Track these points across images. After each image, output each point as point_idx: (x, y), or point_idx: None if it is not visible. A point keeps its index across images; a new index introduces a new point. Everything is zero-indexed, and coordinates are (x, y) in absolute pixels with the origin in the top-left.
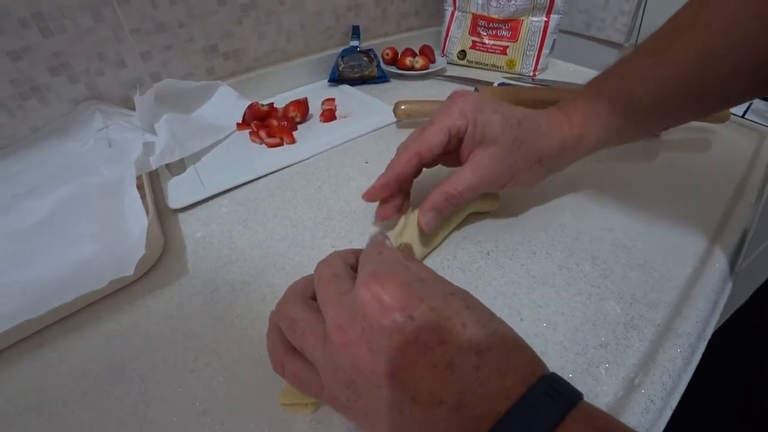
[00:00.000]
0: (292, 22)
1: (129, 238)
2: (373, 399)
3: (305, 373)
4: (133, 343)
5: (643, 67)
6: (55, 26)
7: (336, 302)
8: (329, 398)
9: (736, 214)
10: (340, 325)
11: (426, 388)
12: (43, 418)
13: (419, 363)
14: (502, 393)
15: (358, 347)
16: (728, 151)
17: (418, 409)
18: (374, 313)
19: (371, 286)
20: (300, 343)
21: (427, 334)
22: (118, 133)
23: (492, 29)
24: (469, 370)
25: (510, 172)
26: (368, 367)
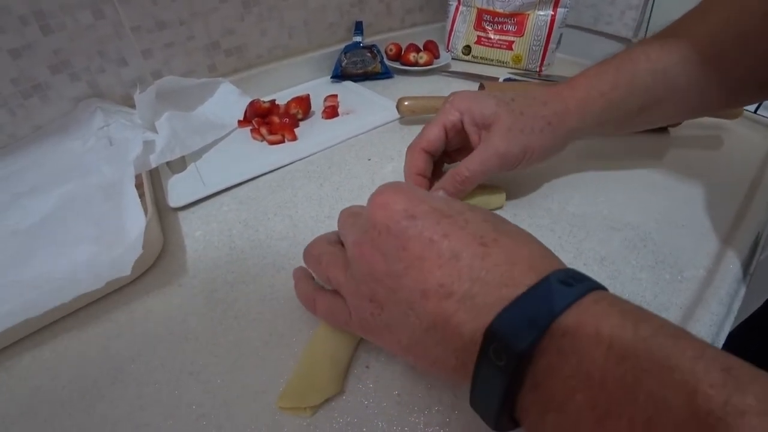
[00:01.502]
0: (294, 18)
1: (127, 238)
2: (392, 306)
3: (335, 303)
4: (131, 344)
5: (649, 52)
6: (56, 23)
7: (353, 226)
8: (358, 321)
9: (749, 214)
10: (355, 241)
11: (434, 281)
12: (40, 420)
13: (426, 257)
14: (511, 281)
15: (372, 255)
16: (741, 148)
17: (430, 304)
18: (381, 220)
19: (377, 199)
20: (326, 274)
21: (430, 230)
22: (119, 132)
23: (497, 24)
24: (475, 259)
25: (520, 141)
26: (383, 271)
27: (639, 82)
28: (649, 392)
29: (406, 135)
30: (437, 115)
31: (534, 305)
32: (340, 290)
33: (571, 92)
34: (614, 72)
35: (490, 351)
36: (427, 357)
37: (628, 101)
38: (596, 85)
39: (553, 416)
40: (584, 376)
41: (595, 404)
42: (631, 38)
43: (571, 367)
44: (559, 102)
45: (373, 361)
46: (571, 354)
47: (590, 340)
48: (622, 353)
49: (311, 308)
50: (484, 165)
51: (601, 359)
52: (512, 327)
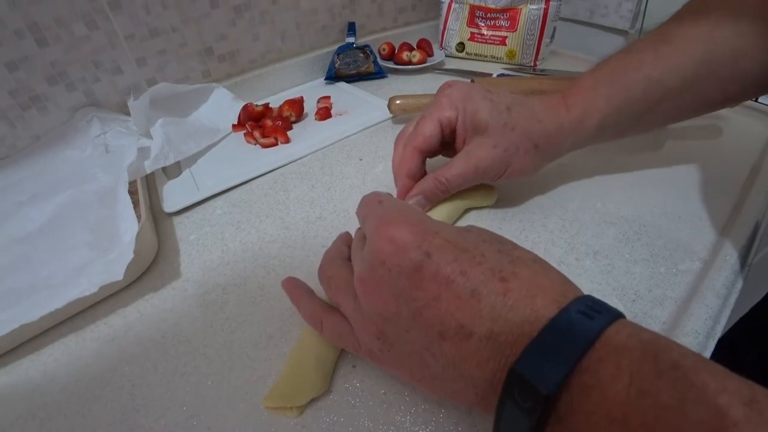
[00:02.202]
0: (286, 21)
1: (121, 243)
2: (404, 345)
3: (342, 327)
4: (125, 347)
5: (645, 58)
6: (51, 36)
7: (357, 257)
8: (366, 352)
9: (747, 205)
10: (361, 277)
11: (453, 322)
12: (37, 422)
13: (443, 297)
14: (533, 315)
15: (380, 295)
16: (740, 138)
17: (449, 345)
18: (390, 256)
19: (382, 231)
20: (336, 299)
21: (446, 267)
22: (116, 139)
23: (490, 19)
24: (496, 297)
25: (504, 158)
26: (393, 312)
27: (634, 94)
28: (671, 428)
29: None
30: (431, 109)
31: (557, 344)
32: (348, 318)
33: (566, 109)
34: (609, 86)
35: (515, 393)
36: (444, 390)
37: (624, 113)
38: (593, 101)
39: None
40: (606, 412)
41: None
42: (628, 30)
43: (594, 402)
44: (554, 120)
45: (359, 360)
46: (594, 389)
47: (612, 375)
48: (643, 389)
49: (317, 328)
50: (463, 177)
51: (623, 395)
52: (536, 369)
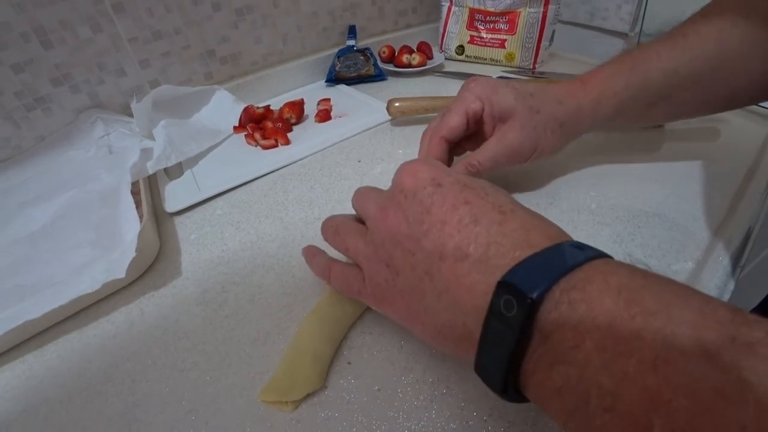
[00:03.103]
0: (287, 24)
1: (123, 242)
2: (408, 270)
3: (349, 271)
4: (126, 344)
5: (661, 49)
6: (56, 38)
7: (377, 195)
8: (371, 288)
9: (742, 207)
10: (381, 205)
11: (452, 243)
12: (40, 417)
13: (447, 221)
14: (526, 244)
15: (396, 218)
16: (737, 139)
17: (446, 266)
18: (409, 185)
19: (406, 168)
20: (344, 244)
21: (453, 197)
22: (119, 141)
23: (489, 23)
24: (493, 224)
25: (533, 139)
26: (404, 233)
27: (650, 81)
28: (656, 331)
29: (396, 136)
30: (457, 102)
31: (547, 262)
32: (357, 257)
33: (585, 92)
34: (628, 72)
35: (500, 304)
36: (435, 324)
37: (639, 99)
38: (610, 84)
39: (562, 368)
40: (593, 321)
41: (603, 347)
42: (627, 33)
43: (580, 314)
44: (574, 101)
45: (354, 357)
46: (581, 303)
47: (600, 289)
48: (631, 298)
49: (326, 277)
50: (495, 159)
51: (610, 304)
52: (524, 278)
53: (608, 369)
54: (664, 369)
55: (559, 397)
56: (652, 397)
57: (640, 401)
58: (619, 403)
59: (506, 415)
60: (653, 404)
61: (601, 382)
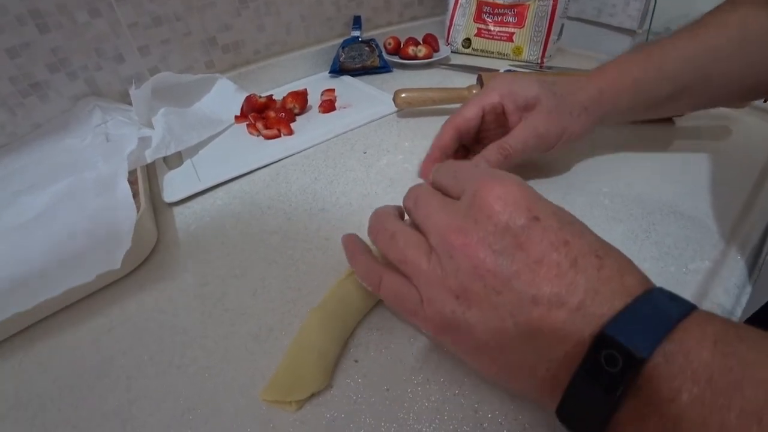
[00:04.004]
0: (292, 13)
1: (119, 232)
2: (486, 307)
3: (404, 287)
4: (122, 338)
5: (679, 39)
6: (52, 22)
7: (447, 210)
8: (431, 313)
9: (758, 204)
10: (459, 228)
11: (549, 288)
12: (30, 414)
13: (544, 262)
14: (623, 291)
15: (479, 248)
16: (749, 138)
17: (538, 312)
18: (498, 213)
19: (490, 188)
20: (402, 256)
21: (552, 235)
22: (117, 128)
23: (497, 15)
24: (592, 270)
25: (560, 123)
26: (489, 269)
27: (668, 69)
28: (757, 383)
29: (402, 128)
30: (476, 96)
31: (648, 314)
32: (416, 277)
33: (603, 78)
34: (644, 59)
35: (602, 358)
36: (511, 364)
37: (658, 87)
38: (627, 71)
39: (657, 420)
40: (690, 374)
41: (702, 401)
42: (635, 29)
43: (677, 367)
44: (594, 87)
45: (361, 355)
46: (677, 355)
47: (697, 340)
48: (727, 351)
49: (374, 287)
50: (525, 144)
51: (707, 357)
52: (629, 334)
53: (706, 423)
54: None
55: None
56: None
57: None
58: None
59: (523, 419)
60: None
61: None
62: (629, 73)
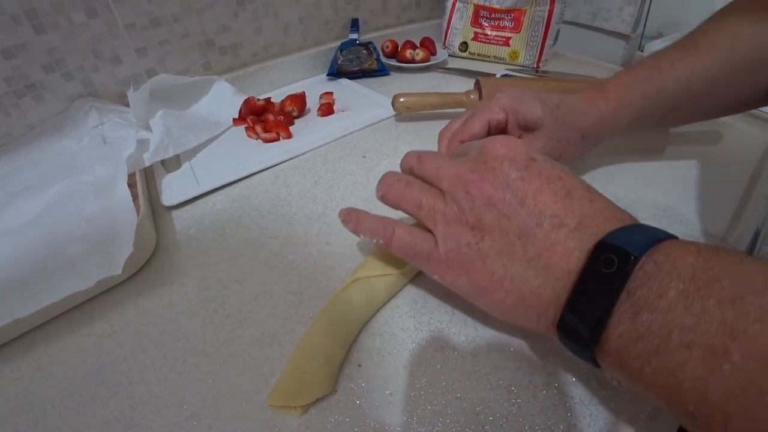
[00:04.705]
0: (289, 15)
1: (118, 236)
2: (498, 234)
3: (417, 234)
4: (122, 343)
5: (674, 59)
6: (49, 23)
7: (457, 162)
8: (445, 251)
9: (748, 209)
10: (472, 169)
11: (549, 211)
12: (31, 420)
13: (544, 191)
14: (615, 219)
15: (492, 182)
16: (740, 144)
17: (543, 233)
18: (504, 155)
19: (498, 140)
20: (418, 200)
21: (548, 171)
22: (113, 130)
23: (494, 20)
24: (585, 200)
25: (557, 149)
26: (501, 197)
27: (665, 91)
28: (733, 276)
29: (401, 132)
30: (481, 110)
31: (639, 232)
32: (433, 217)
33: (605, 102)
34: (644, 81)
35: (599, 262)
36: (521, 291)
37: (655, 108)
38: (627, 95)
39: (646, 315)
40: (676, 275)
41: (686, 293)
42: (629, 34)
43: (665, 270)
44: (596, 112)
45: (365, 360)
46: (665, 262)
47: (681, 252)
48: (709, 256)
49: (386, 239)
50: None
51: (692, 260)
52: (624, 241)
53: (689, 310)
54: (741, 304)
55: (640, 342)
56: (730, 328)
57: (718, 333)
58: (699, 336)
59: (524, 421)
60: (731, 334)
61: (682, 322)
62: (629, 97)
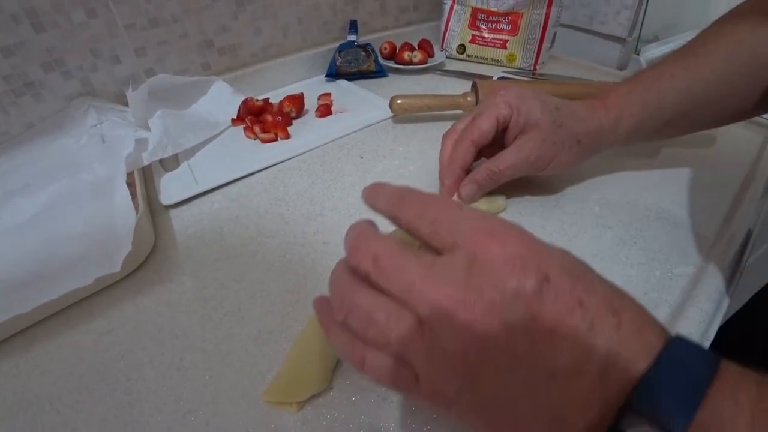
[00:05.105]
0: (288, 16)
1: (117, 235)
2: (497, 388)
3: (393, 366)
4: (121, 340)
5: (674, 70)
6: (48, 22)
7: (436, 275)
8: (428, 393)
9: (740, 211)
10: (460, 300)
11: (567, 358)
12: (29, 417)
13: (560, 329)
14: (645, 348)
15: (489, 323)
16: (733, 147)
17: (557, 386)
18: (505, 279)
19: (492, 247)
20: (384, 337)
21: (566, 297)
22: (112, 130)
23: (492, 23)
24: (611, 331)
25: (551, 152)
26: (502, 345)
27: (665, 101)
28: None
29: (398, 133)
30: (487, 108)
31: (676, 378)
32: (408, 356)
33: (606, 111)
34: (643, 92)
35: None
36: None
37: (656, 118)
38: (627, 105)
39: None
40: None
41: None
42: (625, 37)
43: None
44: (596, 120)
45: None
46: (711, 427)
47: (731, 411)
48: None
49: (357, 366)
50: (514, 167)
51: (744, 428)
52: (660, 406)
53: None
54: None
55: None
56: None
57: None
58: None
59: None
60: None
61: None
62: (630, 108)
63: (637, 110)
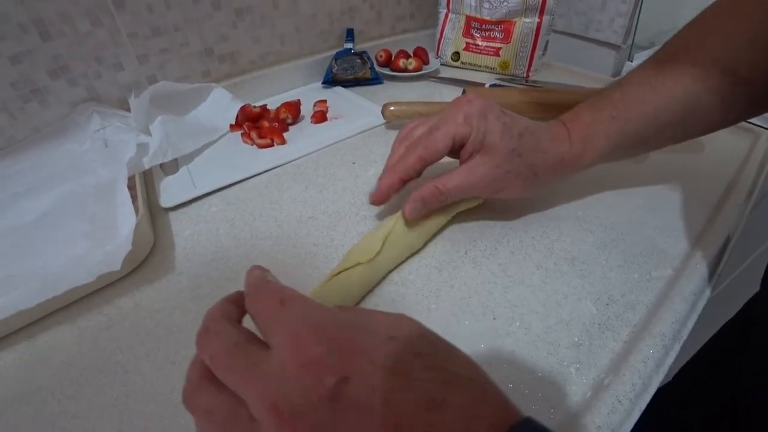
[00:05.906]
0: (286, 25)
1: (118, 235)
2: None
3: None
4: (119, 335)
5: (640, 93)
6: (55, 31)
7: (257, 378)
8: None
9: (722, 216)
10: (273, 404)
11: None
12: (32, 407)
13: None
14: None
15: (301, 428)
16: (719, 152)
17: None
18: (304, 382)
19: (291, 349)
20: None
21: (367, 395)
22: (115, 135)
23: (485, 31)
24: (424, 428)
25: (503, 180)
26: None
27: (634, 128)
28: None
29: (390, 139)
30: (446, 122)
31: None
32: None
33: (569, 145)
34: (609, 122)
35: None
36: None
37: (623, 146)
38: (592, 139)
39: None
40: None
41: None
42: (620, 45)
43: None
44: (557, 153)
45: None
46: None
47: None
48: None
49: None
50: (461, 189)
51: None
52: None
53: None
54: None
55: None
56: None
57: None
58: None
59: None
60: None
61: None
62: (595, 142)
63: (601, 143)
